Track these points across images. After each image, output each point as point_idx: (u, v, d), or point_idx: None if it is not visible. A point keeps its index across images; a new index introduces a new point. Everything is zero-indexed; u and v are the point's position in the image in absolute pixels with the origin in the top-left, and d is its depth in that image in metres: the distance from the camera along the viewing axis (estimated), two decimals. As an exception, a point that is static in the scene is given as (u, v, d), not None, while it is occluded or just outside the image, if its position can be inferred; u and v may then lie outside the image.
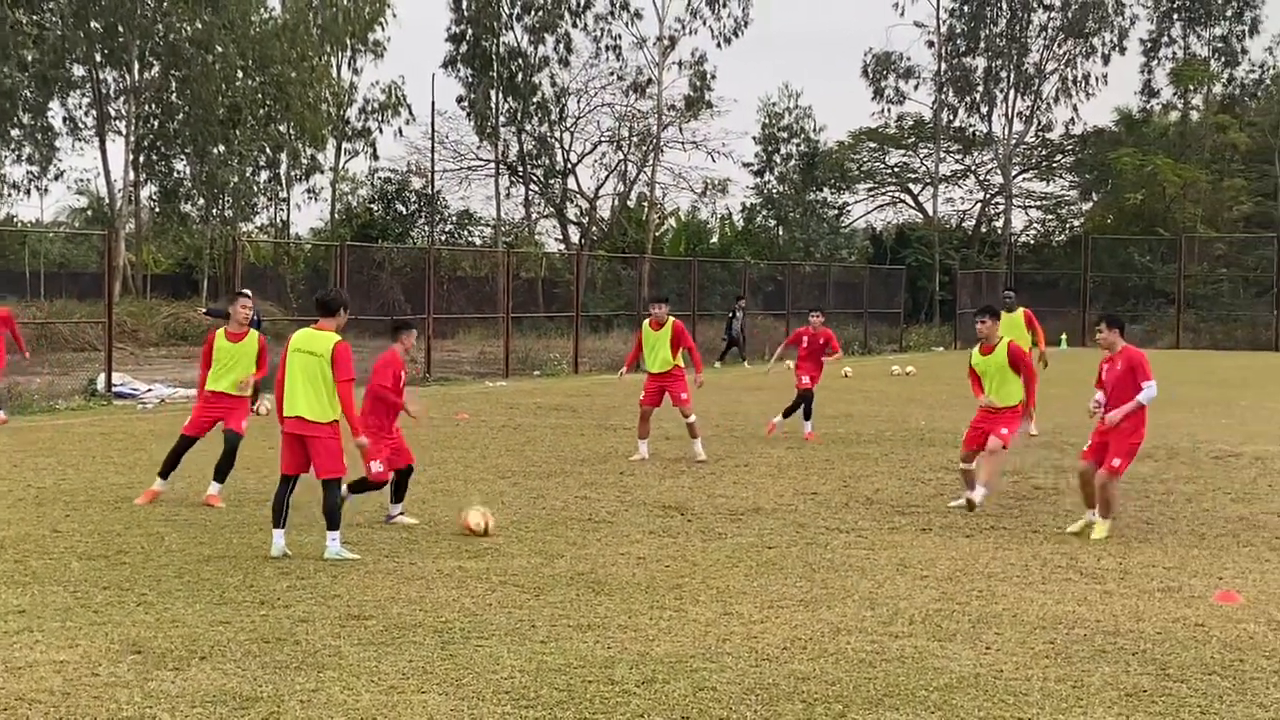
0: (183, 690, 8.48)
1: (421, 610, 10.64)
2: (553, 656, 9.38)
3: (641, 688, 8.72)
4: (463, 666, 9.10)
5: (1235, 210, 67.23)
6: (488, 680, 8.80)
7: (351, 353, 12.71)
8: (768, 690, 8.70)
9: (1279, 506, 16.37)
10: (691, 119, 66.26)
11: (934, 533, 14.51)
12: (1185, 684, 8.94)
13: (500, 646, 9.62)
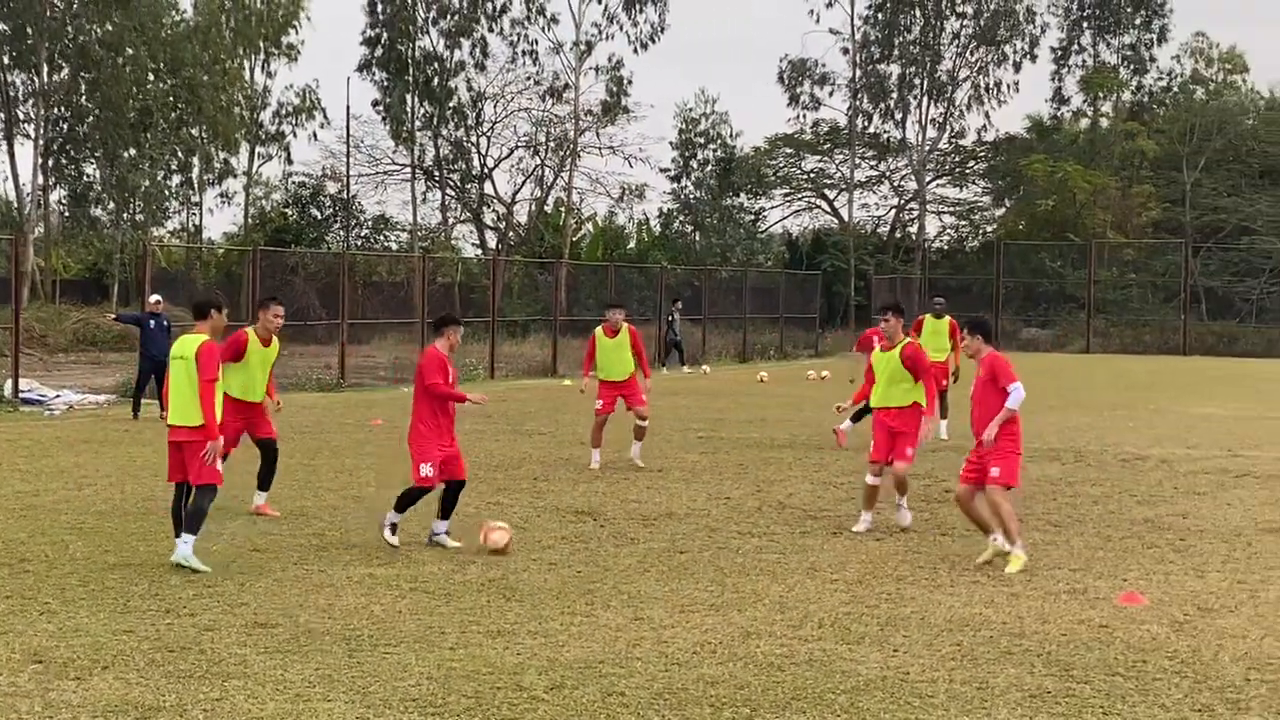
0: (84, 700, 8.38)
1: (330, 618, 10.57)
2: (461, 663, 9.35)
3: (550, 694, 8.70)
4: (370, 674, 9.05)
5: (1144, 216, 68.06)
6: (394, 688, 8.76)
7: (217, 353, 12.27)
8: (676, 695, 8.71)
9: (1184, 509, 16.57)
10: (608, 124, 66.37)
11: (845, 536, 14.58)
12: (1089, 685, 9.03)
13: (408, 653, 9.58)
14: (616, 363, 19.87)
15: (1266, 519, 15.82)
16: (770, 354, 53.96)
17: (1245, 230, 67.52)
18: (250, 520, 14.96)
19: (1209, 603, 11.45)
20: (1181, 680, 9.15)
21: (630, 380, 19.90)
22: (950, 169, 74.57)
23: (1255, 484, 18.81)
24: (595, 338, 20.10)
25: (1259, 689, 8.95)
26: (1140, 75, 72.47)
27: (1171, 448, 23.04)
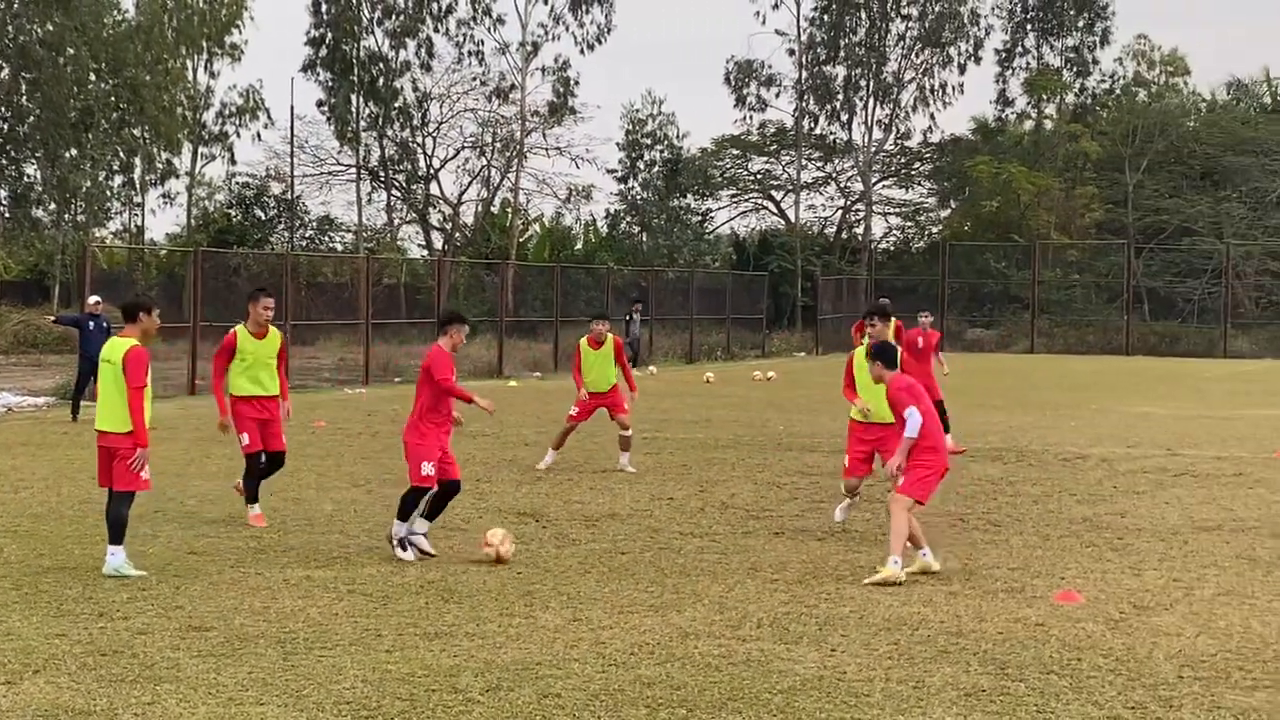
0: (14, 704, 8.29)
1: (265, 621, 10.50)
2: (397, 665, 9.30)
3: (486, 695, 8.67)
4: (304, 677, 8.99)
5: (1087, 217, 68.52)
6: (329, 691, 8.71)
7: (145, 359, 11.99)
8: (613, 696, 8.69)
9: (1122, 508, 16.67)
10: (555, 125, 66.29)
11: (786, 536, 14.60)
12: (1023, 683, 9.06)
13: (344, 656, 9.52)
14: (601, 374, 19.84)
15: (1203, 517, 15.93)
16: (717, 355, 54.03)
17: (1186, 231, 68.04)
18: (187, 523, 14.85)
19: (1145, 601, 11.51)
20: (1115, 678, 9.20)
21: (613, 390, 19.89)
22: (896, 170, 74.86)
23: (1193, 483, 18.94)
24: (581, 350, 19.97)
25: (1192, 686, 9.00)
26: (1083, 77, 72.96)
27: (1112, 447, 23.18)
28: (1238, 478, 19.45)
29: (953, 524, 15.40)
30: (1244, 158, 69.14)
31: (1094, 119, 72.59)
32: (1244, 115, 74.20)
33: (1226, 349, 59.95)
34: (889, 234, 76.66)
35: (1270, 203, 68.24)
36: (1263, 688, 8.96)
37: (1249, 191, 68.71)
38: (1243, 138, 70.05)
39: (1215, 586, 12.10)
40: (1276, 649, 9.94)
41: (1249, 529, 15.17)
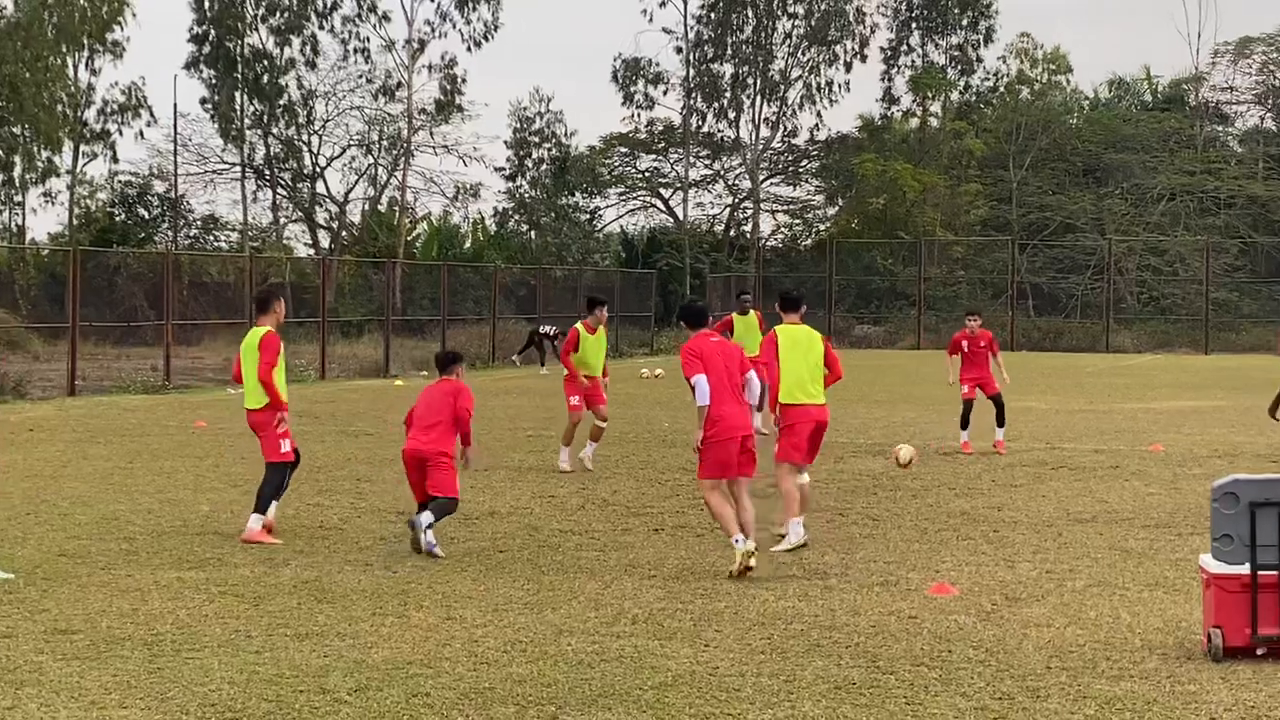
0: None
1: (133, 623, 10.33)
2: (265, 667, 9.18)
3: (354, 696, 8.58)
4: (170, 680, 8.86)
5: (972, 214, 69.24)
6: (194, 693, 8.58)
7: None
8: (483, 695, 8.63)
9: (999, 501, 16.84)
10: (442, 123, 65.94)
11: (665, 533, 14.60)
12: (894, 675, 9.10)
13: (212, 658, 9.39)
14: (595, 359, 20.06)
15: (1078, 510, 16.12)
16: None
17: (1069, 227, 68.93)
18: (60, 525, 14.59)
19: (1017, 592, 11.61)
20: (985, 669, 9.26)
21: (597, 380, 20.06)
22: (784, 168, 75.18)
23: (1070, 475, 19.17)
24: (579, 335, 20.01)
25: (1059, 676, 9.09)
26: (968, 75, 73.68)
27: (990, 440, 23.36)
28: (1114, 470, 19.71)
29: (831, 519, 15.48)
30: (1125, 155, 70.16)
31: (978, 117, 73.33)
32: (1125, 113, 75.30)
33: (1109, 344, 60.80)
34: (777, 231, 77.05)
35: (1150, 199, 69.33)
36: (1129, 677, 9.07)
37: (1130, 188, 69.75)
38: (1124, 135, 71.09)
39: (1087, 577, 12.23)
40: (1144, 639, 10.06)
41: (1122, 520, 15.37)
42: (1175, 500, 16.82)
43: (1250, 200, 69.00)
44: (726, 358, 12.61)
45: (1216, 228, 67.82)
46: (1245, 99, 75.63)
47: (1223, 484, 9.52)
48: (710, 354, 12.59)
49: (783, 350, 13.87)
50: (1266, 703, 8.49)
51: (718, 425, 12.43)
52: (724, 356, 12.61)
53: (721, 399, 12.44)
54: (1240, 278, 65.65)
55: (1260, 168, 70.98)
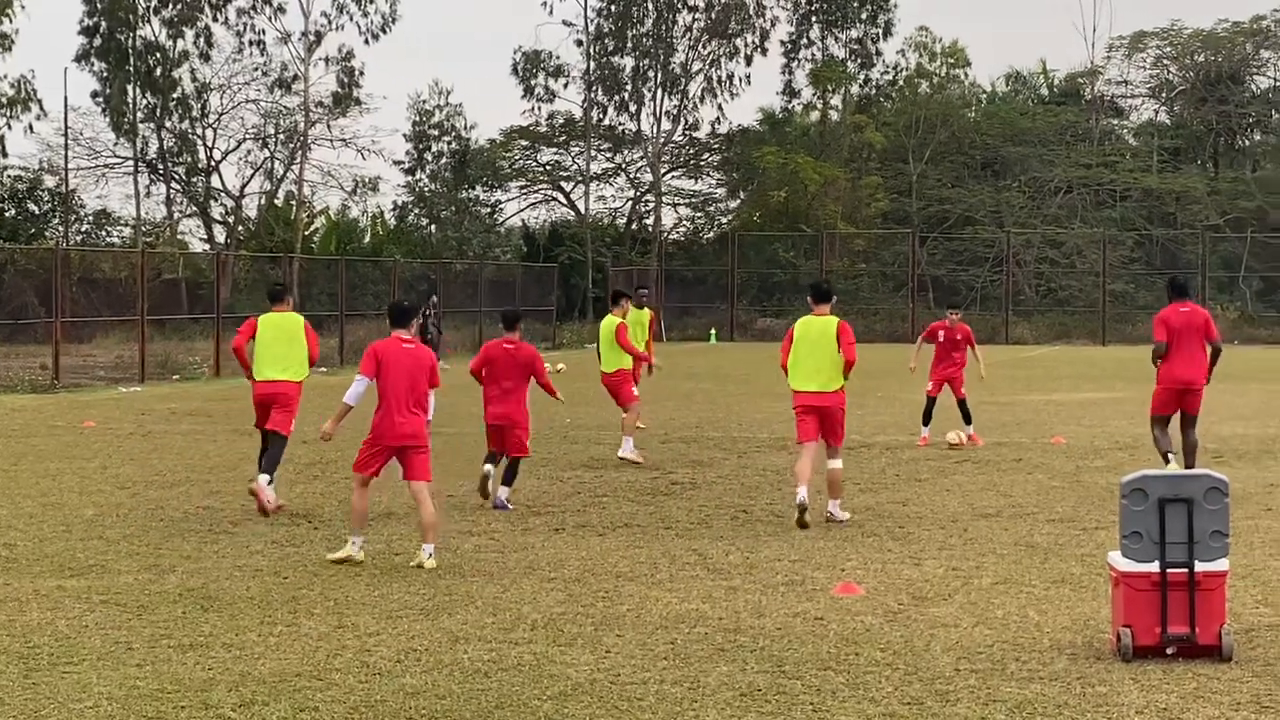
0: None
1: (9, 635, 9.89)
2: (146, 681, 8.79)
3: (238, 711, 8.21)
4: (45, 696, 8.44)
5: (873, 207, 69.37)
6: (70, 709, 8.18)
7: None
8: (374, 708, 8.29)
9: (904, 496, 16.67)
10: (340, 116, 65.13)
11: (567, 532, 14.29)
12: (800, 681, 8.85)
13: (90, 672, 8.98)
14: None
15: (983, 504, 15.98)
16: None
17: (969, 220, 69.29)
18: (-64, 532, 14.05)
19: (924, 591, 11.41)
20: (893, 673, 9.04)
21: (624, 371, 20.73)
22: (685, 161, 74.99)
23: (974, 469, 19.07)
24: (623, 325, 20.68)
25: (968, 679, 8.88)
26: (867, 69, 73.80)
27: (896, 435, 23.31)
28: (1017, 464, 19.63)
29: (735, 516, 15.24)
30: (1022, 148, 70.62)
31: (878, 110, 73.53)
32: (1022, 106, 75.81)
33: (1008, 336, 61.12)
34: (679, 225, 76.85)
35: (1048, 192, 69.83)
36: (1038, 679, 8.87)
37: (1028, 181, 70.22)
38: (1021, 128, 71.54)
39: (993, 575, 12.06)
40: (1053, 638, 9.88)
41: (1027, 515, 15.24)
42: (1079, 493, 16.73)
43: (1145, 193, 69.70)
44: (414, 366, 12.67)
45: (1112, 220, 68.45)
46: (1139, 93, 76.48)
47: (1131, 480, 9.35)
48: (393, 359, 12.68)
49: (795, 342, 15.06)
50: (1178, 704, 8.32)
51: (377, 431, 12.71)
52: (412, 364, 12.67)
53: (390, 407, 12.59)
54: (1136, 269, 66.28)
55: (1154, 161, 71.74)
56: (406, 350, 12.75)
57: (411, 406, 12.66)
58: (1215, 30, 71.90)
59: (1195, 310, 17.45)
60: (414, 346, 12.84)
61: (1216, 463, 19.30)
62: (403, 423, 12.61)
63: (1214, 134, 73.83)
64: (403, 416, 12.61)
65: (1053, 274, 67.30)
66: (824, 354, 14.91)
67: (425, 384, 12.72)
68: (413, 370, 12.66)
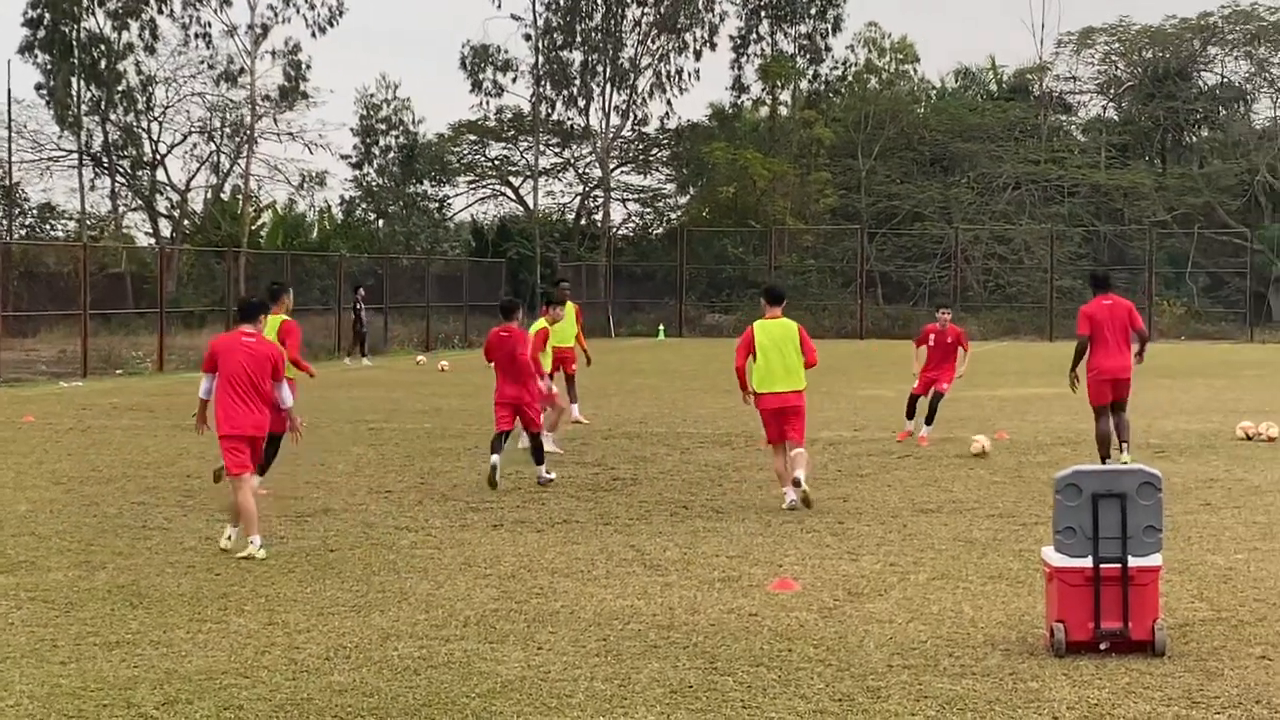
0: None
1: (-69, 634, 9.73)
2: (70, 679, 8.66)
3: (161, 710, 8.10)
4: (-37, 696, 8.30)
5: (822, 203, 69.39)
6: (-12, 710, 8.04)
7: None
8: (300, 706, 8.18)
9: (845, 491, 16.63)
10: (287, 110, 64.64)
11: (505, 528, 14.19)
12: (732, 677, 8.79)
13: (13, 670, 8.85)
14: None
15: (923, 500, 15.96)
16: (454, 343, 53.39)
17: (917, 216, 69.43)
18: None
19: (860, 587, 11.37)
20: (825, 669, 8.99)
21: None
22: (634, 157, 74.88)
23: (915, 464, 19.05)
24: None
25: (900, 675, 8.83)
26: (816, 64, 73.73)
27: (839, 430, 23.27)
28: (959, 459, 19.64)
29: (674, 512, 15.17)
30: (971, 144, 70.79)
31: (827, 106, 73.53)
32: (971, 102, 75.97)
33: (956, 332, 61.24)
34: (628, 220, 76.74)
35: (996, 188, 70.03)
36: (970, 675, 8.83)
37: (976, 177, 70.39)
38: (970, 124, 71.69)
39: (930, 570, 12.03)
40: (987, 634, 9.85)
41: (967, 510, 15.23)
42: (1019, 489, 16.74)
43: (1093, 189, 69.99)
44: (254, 360, 12.80)
45: (1060, 216, 68.70)
46: (1088, 89, 76.71)
47: (1065, 475, 9.33)
48: (230, 353, 12.86)
49: (758, 345, 15.61)
50: (1109, 700, 8.30)
51: (220, 425, 12.82)
52: (250, 358, 12.79)
53: (228, 400, 12.71)
54: (1083, 265, 66.42)
55: (1102, 157, 72.03)
56: (246, 345, 12.91)
57: (253, 399, 12.78)
58: (1163, 26, 72.24)
59: (1118, 302, 18.23)
60: (255, 341, 12.99)
61: (1158, 458, 19.37)
62: (244, 414, 12.72)
63: (1161, 130, 74.17)
64: (243, 408, 12.73)
65: (1000, 270, 67.49)
66: (790, 356, 15.59)
67: (268, 377, 12.84)
68: (251, 364, 12.80)
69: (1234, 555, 12.57)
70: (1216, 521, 14.42)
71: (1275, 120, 72.91)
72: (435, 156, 69.85)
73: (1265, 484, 17.02)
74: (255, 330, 13.09)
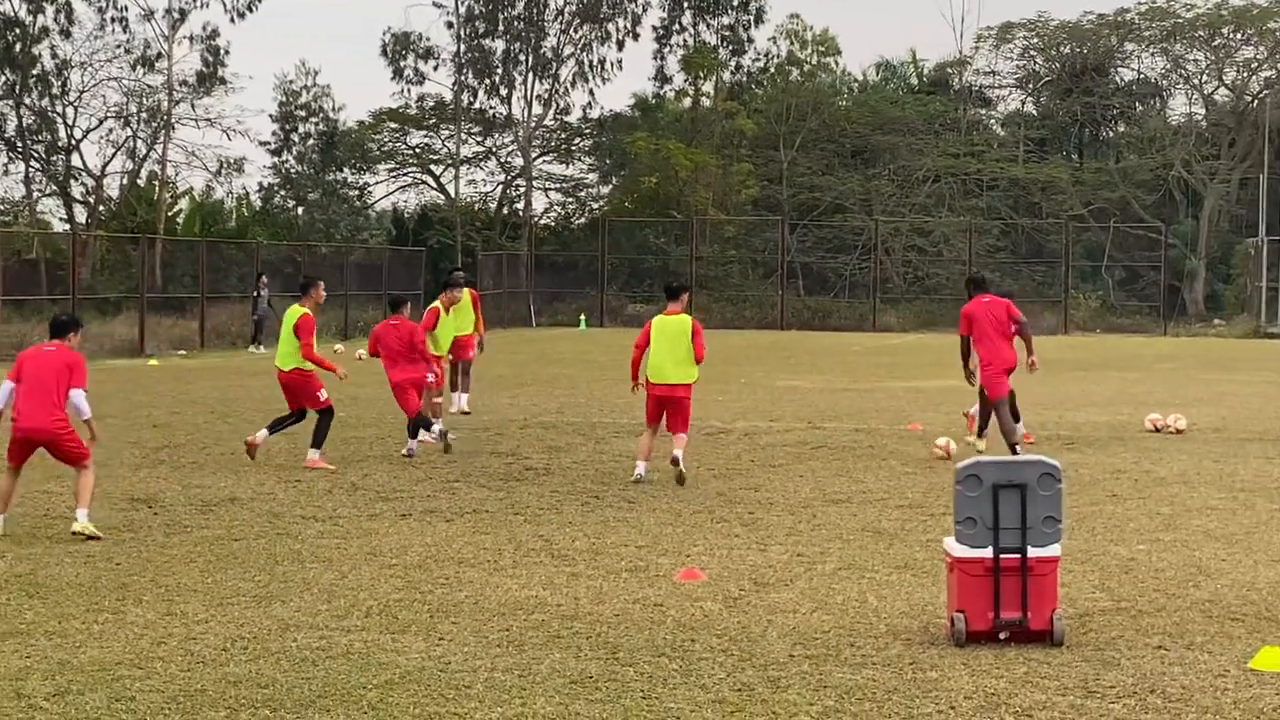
0: None
1: None
2: (-41, 671, 8.51)
3: (51, 701, 7.97)
4: None
5: (743, 194, 69.54)
6: (-127, 702, 7.88)
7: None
8: (193, 698, 8.08)
9: (757, 481, 16.65)
10: (205, 95, 64.00)
11: (414, 518, 14.09)
12: (633, 668, 8.76)
13: (-99, 662, 8.68)
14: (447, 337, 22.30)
15: (834, 490, 15.99)
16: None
17: (838, 208, 69.70)
18: None
19: (766, 577, 11.37)
20: (727, 659, 8.97)
21: None
22: (556, 146, 74.69)
23: (829, 455, 19.10)
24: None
25: (801, 665, 8.83)
26: (739, 56, 73.86)
27: (755, 420, 23.31)
28: (871, 450, 19.70)
29: (586, 502, 15.13)
30: (892, 136, 71.14)
31: (749, 97, 73.67)
32: (892, 95, 76.34)
33: (876, 323, 61.59)
34: (550, 210, 76.58)
35: (916, 180, 70.41)
36: (871, 665, 8.85)
37: (897, 170, 70.76)
38: (891, 117, 72.04)
39: (837, 560, 12.05)
40: (889, 624, 9.87)
41: (876, 501, 15.28)
42: (929, 480, 16.81)
43: (1011, 183, 70.52)
44: (52, 367, 12.97)
45: (979, 209, 69.21)
46: (1007, 83, 77.28)
47: (966, 466, 9.36)
48: (33, 361, 13.13)
49: (653, 338, 16.58)
50: (1007, 689, 8.33)
51: (14, 425, 13.02)
52: (48, 365, 12.99)
53: (25, 403, 12.88)
54: (1001, 258, 67.05)
55: (1021, 151, 72.59)
56: (47, 353, 13.21)
57: (49, 402, 12.94)
58: (1081, 22, 72.84)
59: (995, 301, 18.88)
60: (55, 350, 13.21)
61: (1068, 449, 19.52)
62: (38, 416, 12.88)
63: (1079, 125, 74.87)
64: (40, 411, 12.90)
65: (920, 262, 67.90)
66: (681, 350, 16.46)
67: (66, 383, 12.96)
68: (47, 370, 12.99)
69: (1136, 546, 12.68)
70: (1121, 512, 14.54)
71: (1190, 116, 73.75)
72: (355, 144, 69.42)
73: (1170, 476, 17.18)
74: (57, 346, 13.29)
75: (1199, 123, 72.66)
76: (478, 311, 24.39)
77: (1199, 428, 22.21)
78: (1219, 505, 15.01)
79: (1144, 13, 71.03)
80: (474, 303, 24.21)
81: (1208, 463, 18.40)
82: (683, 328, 16.53)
